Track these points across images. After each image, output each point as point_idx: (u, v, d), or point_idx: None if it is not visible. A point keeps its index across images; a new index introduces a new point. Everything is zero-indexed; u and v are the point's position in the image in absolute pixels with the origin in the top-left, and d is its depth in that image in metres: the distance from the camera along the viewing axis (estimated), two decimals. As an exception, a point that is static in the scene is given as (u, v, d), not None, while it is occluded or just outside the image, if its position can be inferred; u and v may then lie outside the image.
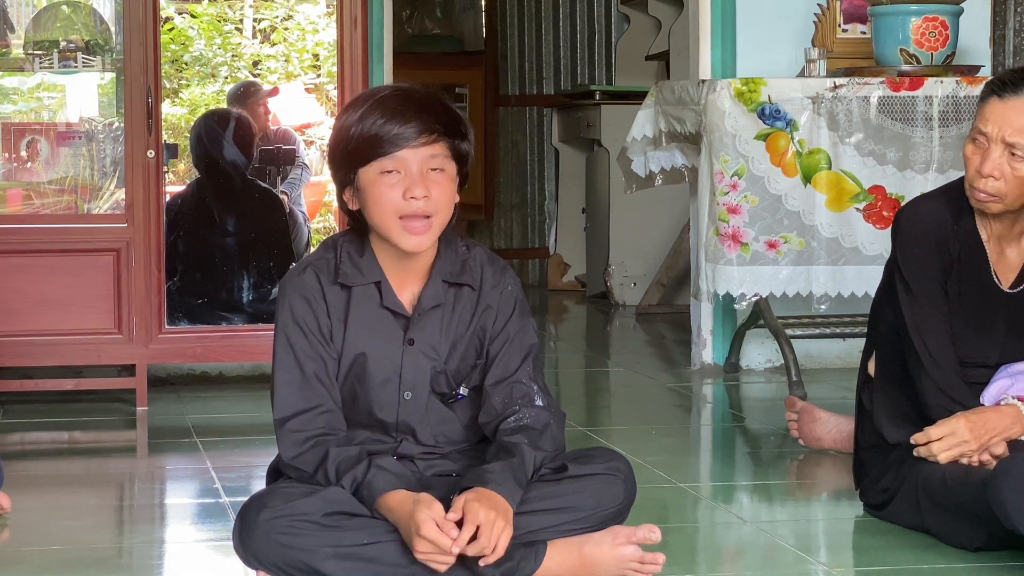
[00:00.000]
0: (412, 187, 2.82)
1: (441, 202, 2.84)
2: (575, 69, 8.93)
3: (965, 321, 3.47)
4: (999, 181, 3.37)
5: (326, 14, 8.29)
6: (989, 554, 3.26)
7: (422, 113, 2.83)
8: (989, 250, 3.48)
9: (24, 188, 5.25)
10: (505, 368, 2.93)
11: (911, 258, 3.47)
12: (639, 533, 2.93)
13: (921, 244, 3.46)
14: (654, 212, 7.76)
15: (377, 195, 2.83)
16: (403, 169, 2.82)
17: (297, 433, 2.88)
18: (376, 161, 2.82)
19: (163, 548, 3.50)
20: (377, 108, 2.83)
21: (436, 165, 2.84)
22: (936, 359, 3.42)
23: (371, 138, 2.81)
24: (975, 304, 3.47)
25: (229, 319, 5.63)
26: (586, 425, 4.85)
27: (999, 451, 3.34)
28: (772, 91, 5.20)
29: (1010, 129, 3.34)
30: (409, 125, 2.81)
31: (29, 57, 5.31)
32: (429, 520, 2.69)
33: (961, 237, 3.46)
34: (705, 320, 5.81)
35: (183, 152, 7.03)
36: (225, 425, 4.94)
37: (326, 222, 7.55)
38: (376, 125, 2.81)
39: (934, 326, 3.44)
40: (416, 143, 2.81)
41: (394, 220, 2.84)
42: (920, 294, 3.45)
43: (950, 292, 3.46)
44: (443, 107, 2.87)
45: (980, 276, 3.47)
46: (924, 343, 3.43)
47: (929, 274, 3.45)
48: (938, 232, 3.46)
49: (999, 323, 3.48)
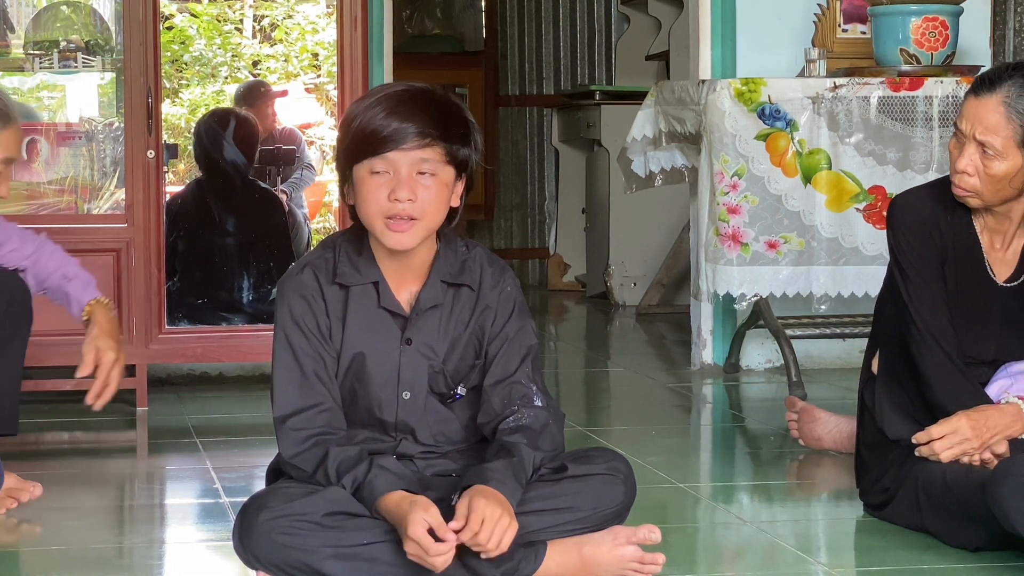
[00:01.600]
0: (398, 189, 2.82)
1: (428, 206, 2.84)
2: (575, 69, 8.93)
3: (960, 315, 3.47)
4: (973, 178, 3.37)
5: (326, 14, 8.29)
6: (989, 554, 3.26)
7: (420, 115, 2.82)
8: (983, 243, 3.48)
9: (24, 188, 5.25)
10: (504, 369, 2.93)
11: (906, 244, 3.47)
12: (639, 533, 2.93)
13: (913, 230, 3.46)
14: (654, 212, 7.76)
15: (365, 193, 2.84)
16: (392, 170, 2.82)
17: (297, 431, 2.88)
18: (367, 160, 2.83)
19: (163, 548, 3.50)
20: (376, 106, 2.83)
21: (427, 169, 2.83)
22: (937, 338, 3.42)
23: (365, 136, 2.82)
24: (970, 298, 3.48)
25: (229, 319, 5.64)
26: (586, 425, 4.85)
27: (1000, 450, 3.34)
28: (772, 91, 5.20)
29: (980, 127, 3.33)
30: (405, 125, 2.81)
31: (29, 57, 5.31)
32: (419, 521, 2.68)
33: (954, 229, 3.46)
34: (705, 320, 5.81)
35: (183, 152, 7.03)
36: (225, 425, 4.94)
37: (326, 222, 7.56)
38: (374, 121, 2.81)
39: (933, 307, 3.44)
40: (408, 146, 2.81)
41: (380, 219, 2.84)
42: (917, 278, 3.45)
43: (947, 281, 3.46)
44: (448, 110, 2.85)
45: (975, 270, 3.48)
46: (926, 324, 3.42)
47: (925, 259, 3.45)
48: (929, 220, 3.46)
49: (994, 317, 3.48)
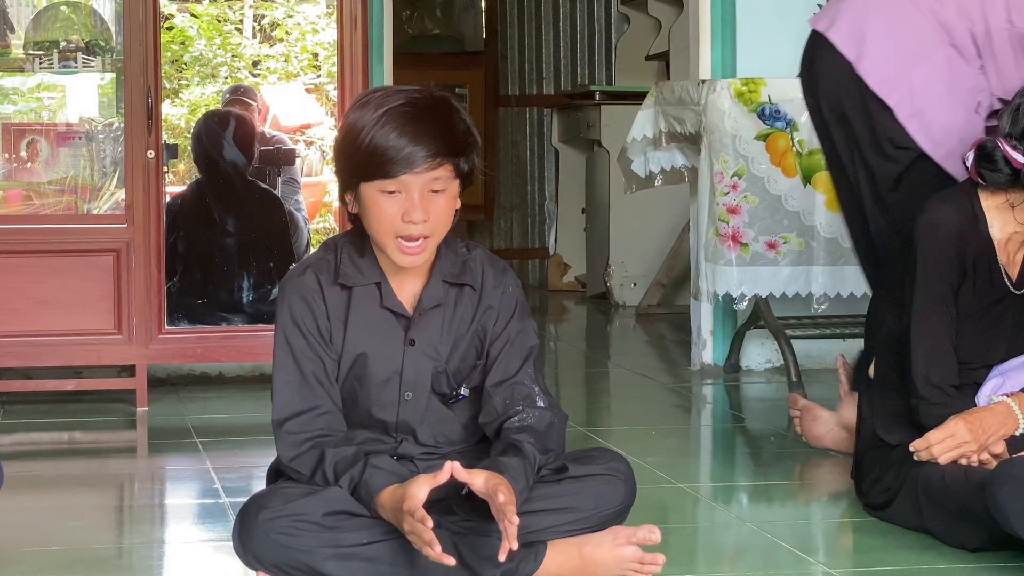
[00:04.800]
0: (411, 211, 2.81)
1: (439, 223, 2.84)
2: (575, 69, 8.94)
3: (974, 321, 3.47)
4: None
5: (326, 14, 8.29)
6: (989, 555, 3.27)
7: (432, 135, 2.80)
8: (999, 251, 3.48)
9: (24, 188, 5.25)
10: (506, 369, 2.93)
11: (931, 265, 3.45)
12: (639, 533, 2.93)
13: (943, 251, 3.44)
14: (654, 212, 7.76)
15: (377, 212, 2.83)
16: (404, 191, 2.81)
17: (295, 435, 2.88)
18: (378, 181, 2.81)
19: (163, 548, 3.50)
20: (388, 123, 2.79)
21: (438, 187, 2.83)
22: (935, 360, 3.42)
23: (378, 156, 2.79)
24: (986, 304, 3.48)
25: (229, 319, 5.63)
26: (586, 425, 4.85)
27: (998, 450, 3.35)
28: (772, 91, 5.20)
29: None
30: (417, 147, 2.78)
31: (29, 57, 5.31)
32: (414, 496, 2.68)
33: (976, 241, 3.46)
34: (705, 320, 5.81)
35: (183, 152, 7.03)
36: (225, 425, 4.94)
37: (326, 222, 7.55)
38: (383, 144, 2.78)
39: (940, 333, 3.43)
40: (420, 168, 2.80)
41: (391, 238, 2.83)
42: (931, 301, 3.44)
43: (963, 293, 3.46)
44: (453, 123, 2.84)
45: (992, 276, 3.48)
46: (926, 348, 3.43)
47: (946, 281, 3.45)
48: (956, 238, 3.45)
49: (1008, 321, 3.49)
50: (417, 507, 2.67)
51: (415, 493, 2.69)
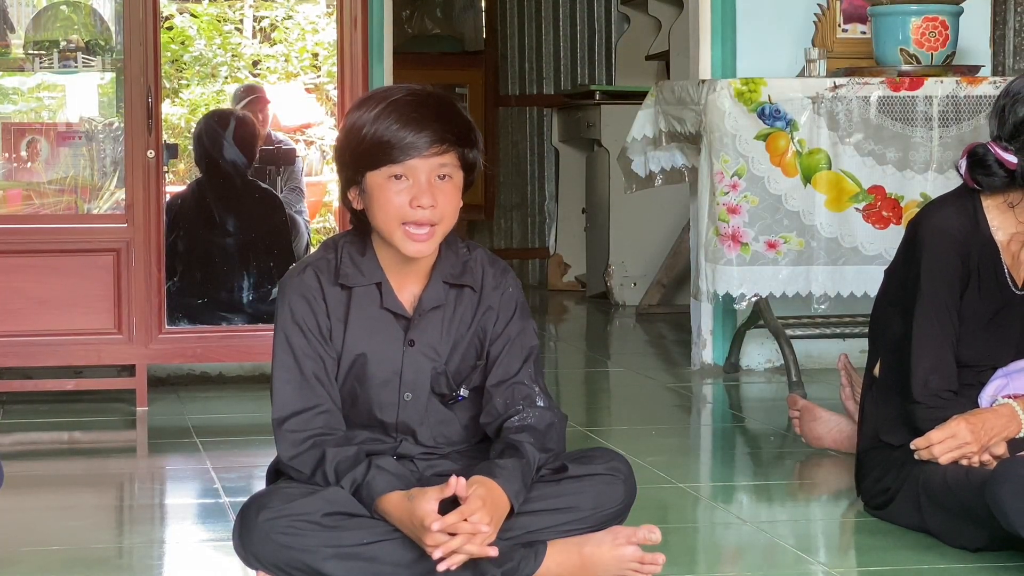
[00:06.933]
0: (419, 196, 2.82)
1: (447, 210, 2.85)
2: (575, 69, 8.93)
3: (981, 324, 3.47)
4: None
5: (326, 14, 8.29)
6: (990, 555, 3.26)
7: (436, 121, 2.82)
8: (1003, 253, 3.48)
9: (24, 188, 5.25)
10: (506, 370, 2.93)
11: (934, 270, 3.44)
12: (639, 533, 2.93)
13: (946, 255, 3.44)
14: (654, 212, 7.76)
15: (384, 200, 2.83)
16: (412, 176, 2.82)
17: (295, 433, 2.88)
18: (386, 167, 2.82)
19: (163, 548, 3.50)
20: (392, 112, 2.81)
21: (445, 173, 2.84)
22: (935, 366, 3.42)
23: (384, 143, 2.81)
24: (992, 308, 3.47)
25: (229, 319, 5.63)
26: (586, 425, 4.85)
27: (999, 451, 3.35)
28: (772, 91, 5.20)
29: None
30: (423, 134, 2.81)
31: (29, 57, 5.31)
32: (434, 513, 2.69)
33: (979, 243, 3.46)
34: (705, 320, 5.82)
35: (183, 152, 7.03)
36: (225, 425, 4.94)
37: (326, 222, 7.55)
38: (390, 131, 2.80)
39: (941, 339, 3.43)
40: (428, 152, 2.81)
41: (397, 225, 2.84)
42: (933, 306, 3.44)
43: (968, 297, 3.46)
44: (456, 114, 2.86)
45: (997, 279, 3.48)
46: (927, 353, 3.42)
47: (949, 285, 3.44)
48: (960, 242, 3.44)
49: (1015, 323, 3.49)
50: (436, 519, 2.68)
51: (430, 510, 2.69)
